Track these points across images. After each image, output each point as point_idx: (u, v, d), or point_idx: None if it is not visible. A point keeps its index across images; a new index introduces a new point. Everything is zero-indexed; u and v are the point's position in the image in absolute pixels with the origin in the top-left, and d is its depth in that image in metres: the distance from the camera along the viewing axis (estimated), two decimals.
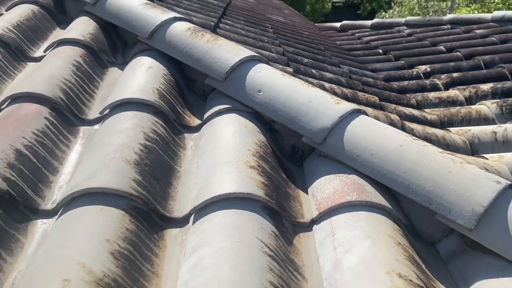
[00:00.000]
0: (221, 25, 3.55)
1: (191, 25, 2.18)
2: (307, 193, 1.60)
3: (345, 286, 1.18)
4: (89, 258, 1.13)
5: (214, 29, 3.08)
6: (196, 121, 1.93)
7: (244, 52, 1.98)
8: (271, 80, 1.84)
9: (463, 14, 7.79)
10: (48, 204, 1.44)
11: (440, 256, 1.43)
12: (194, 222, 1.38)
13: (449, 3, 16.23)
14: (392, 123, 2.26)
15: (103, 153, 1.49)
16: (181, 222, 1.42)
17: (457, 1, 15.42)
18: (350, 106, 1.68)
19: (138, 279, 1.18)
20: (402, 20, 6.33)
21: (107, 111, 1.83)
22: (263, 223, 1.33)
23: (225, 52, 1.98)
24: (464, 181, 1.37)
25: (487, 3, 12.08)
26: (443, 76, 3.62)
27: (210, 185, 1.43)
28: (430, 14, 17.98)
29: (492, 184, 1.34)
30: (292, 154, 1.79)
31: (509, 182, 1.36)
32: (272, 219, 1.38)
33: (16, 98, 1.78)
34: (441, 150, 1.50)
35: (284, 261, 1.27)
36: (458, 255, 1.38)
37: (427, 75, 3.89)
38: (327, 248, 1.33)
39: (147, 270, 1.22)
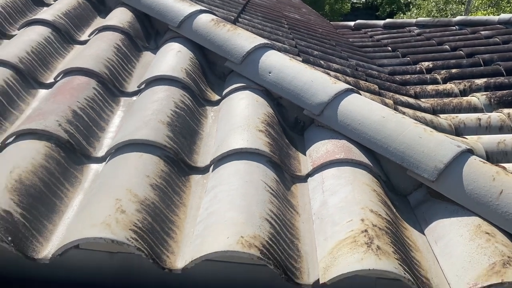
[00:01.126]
0: (240, 19, 3.91)
1: (214, 17, 2.55)
2: (305, 155, 1.95)
3: (329, 217, 1.53)
4: (134, 186, 1.50)
5: (233, 23, 3.44)
6: (216, 97, 2.29)
7: (259, 40, 2.33)
8: (280, 64, 2.19)
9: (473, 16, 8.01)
10: (98, 152, 1.81)
11: (410, 205, 1.76)
12: (213, 170, 1.74)
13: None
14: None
15: (142, 115, 1.86)
16: (203, 170, 1.79)
17: (475, 4, 15.51)
18: (345, 85, 2.02)
19: (170, 205, 1.55)
20: (413, 20, 6.60)
21: (143, 85, 2.21)
22: (267, 171, 1.69)
23: (243, 40, 2.34)
24: (430, 144, 1.70)
25: (502, 7, 12.21)
26: (443, 71, 3.92)
27: (227, 142, 1.79)
28: (448, 17, 18.07)
29: (453, 147, 1.68)
30: (295, 125, 2.14)
31: (468, 147, 1.69)
32: (275, 170, 1.73)
33: (69, 72, 2.17)
34: (416, 121, 1.83)
35: (283, 199, 1.62)
36: (423, 203, 1.71)
37: (429, 70, 4.19)
38: (317, 193, 1.68)
39: (177, 200, 1.59)
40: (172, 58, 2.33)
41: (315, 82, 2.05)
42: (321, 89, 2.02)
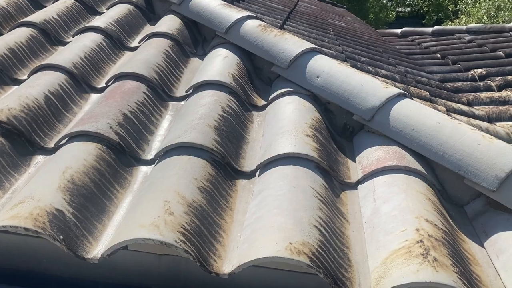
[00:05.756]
0: (285, 26, 3.90)
1: (262, 22, 2.54)
2: (355, 161, 1.89)
3: (381, 226, 1.46)
4: (182, 189, 1.49)
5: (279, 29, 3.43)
6: (262, 102, 2.27)
7: (306, 44, 2.30)
8: (328, 68, 2.14)
9: None
10: (148, 155, 1.83)
11: (467, 216, 1.67)
12: (259, 175, 1.71)
13: None
14: None
15: (190, 119, 1.87)
16: (249, 175, 1.76)
17: None
18: (396, 90, 1.95)
19: (217, 209, 1.53)
20: (464, 27, 6.37)
21: (191, 90, 2.22)
22: (315, 177, 1.64)
23: (290, 44, 2.31)
24: (490, 152, 1.60)
25: None
26: (498, 78, 3.74)
27: (274, 147, 1.76)
28: (500, 23, 17.34)
29: None
30: (343, 130, 2.09)
31: None
32: (323, 176, 1.68)
33: (120, 77, 2.22)
34: (473, 127, 1.74)
35: (332, 206, 1.57)
36: (482, 213, 1.61)
37: (482, 77, 4.01)
38: (368, 200, 1.62)
39: (224, 204, 1.57)
40: (219, 63, 2.33)
41: (366, 86, 1.99)
42: (372, 93, 1.96)
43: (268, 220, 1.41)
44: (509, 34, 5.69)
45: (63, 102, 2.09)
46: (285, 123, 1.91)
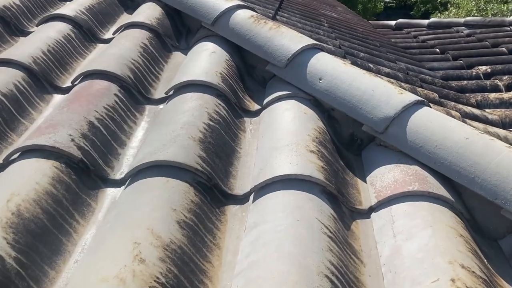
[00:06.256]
0: (278, 17, 3.58)
1: (254, 13, 2.22)
2: (365, 182, 1.60)
3: (405, 272, 1.18)
4: (157, 225, 1.18)
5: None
6: (255, 106, 1.96)
7: (306, 40, 1.99)
8: (332, 68, 1.84)
9: None
10: (117, 174, 1.51)
11: (502, 252, 1.39)
12: (254, 200, 1.41)
13: (510, 5, 15.48)
14: None
15: (169, 129, 1.55)
16: (242, 199, 1.46)
17: None
18: (414, 97, 1.66)
19: (201, 249, 1.23)
20: (461, 20, 6.12)
21: (172, 91, 1.90)
22: (322, 205, 1.35)
23: (287, 39, 2.00)
24: None
25: None
26: (505, 77, 3.48)
27: (271, 166, 1.46)
28: (489, 17, 17.23)
29: None
30: (350, 142, 1.79)
31: None
32: (331, 202, 1.39)
33: (88, 75, 1.88)
34: (508, 145, 1.46)
35: (343, 243, 1.28)
36: None
37: (487, 75, 3.76)
38: (386, 235, 1.33)
39: (210, 241, 1.27)
40: (206, 60, 2.01)
41: (377, 91, 1.70)
42: (385, 100, 1.66)
43: (266, 268, 1.11)
44: (509, 28, 5.45)
45: (18, 105, 1.75)
46: (284, 135, 1.60)
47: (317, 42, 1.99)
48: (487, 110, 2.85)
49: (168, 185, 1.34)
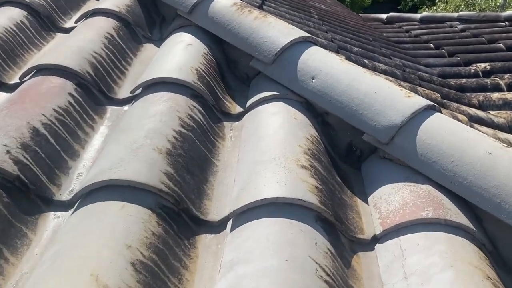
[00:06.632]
0: (264, 7, 3.29)
1: (237, 0, 1.94)
2: (366, 202, 1.34)
3: None
4: (105, 269, 0.91)
5: None
6: (237, 108, 1.69)
7: (297, 32, 1.72)
8: (327, 65, 1.58)
9: None
10: (64, 194, 1.23)
11: None
12: (232, 229, 1.15)
13: (498, 0, 15.38)
14: None
15: (131, 139, 1.27)
16: (217, 226, 1.19)
17: (509, 0, 14.58)
18: (423, 101, 1.41)
19: None
20: (455, 14, 5.91)
21: (139, 90, 1.62)
22: (317, 238, 1.09)
23: (275, 31, 1.73)
24: None
25: None
26: (507, 76, 3.27)
27: (254, 186, 1.19)
28: (477, 12, 17.13)
29: None
30: (348, 153, 1.53)
31: None
32: (327, 233, 1.13)
33: (41, 70, 1.59)
34: None
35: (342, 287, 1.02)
36: None
37: (486, 73, 3.54)
38: (396, 276, 1.07)
39: (174, 287, 1.00)
40: (180, 53, 1.73)
41: (380, 94, 1.44)
42: (390, 105, 1.40)
43: None
44: (504, 23, 5.25)
45: None
46: (270, 146, 1.34)
47: (309, 35, 1.72)
48: (491, 112, 2.62)
49: (124, 212, 1.06)
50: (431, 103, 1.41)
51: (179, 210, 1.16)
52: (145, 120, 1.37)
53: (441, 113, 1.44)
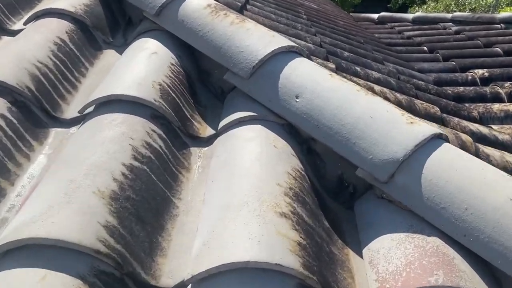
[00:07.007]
0: (248, 6, 3.03)
1: (212, 2, 1.68)
2: (360, 254, 1.10)
3: None
4: None
5: (240, 10, 2.58)
6: (208, 130, 1.43)
7: (279, 41, 1.47)
8: (313, 82, 1.32)
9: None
10: None
11: None
12: None
13: (489, 0, 15.28)
14: (463, 147, 1.73)
15: (69, 177, 1.01)
16: None
17: (500, 1, 14.50)
18: (429, 129, 1.16)
19: None
20: (448, 15, 5.70)
21: (91, 109, 1.35)
22: None
23: (254, 39, 1.47)
24: None
25: None
26: (507, 84, 3.05)
27: (220, 242, 0.94)
28: (467, 11, 17.05)
29: None
30: (338, 189, 1.28)
31: None
32: None
33: None
34: None
35: None
36: None
37: (484, 80, 3.33)
38: None
39: None
40: (143, 64, 1.46)
41: (377, 119, 1.19)
42: (389, 133, 1.16)
43: None
44: (500, 26, 5.05)
45: None
46: (243, 184, 1.08)
47: (294, 44, 1.46)
48: (493, 127, 2.40)
49: (44, 286, 0.80)
50: (437, 131, 1.17)
51: (122, 276, 0.90)
52: (89, 151, 1.10)
53: (449, 142, 1.20)
